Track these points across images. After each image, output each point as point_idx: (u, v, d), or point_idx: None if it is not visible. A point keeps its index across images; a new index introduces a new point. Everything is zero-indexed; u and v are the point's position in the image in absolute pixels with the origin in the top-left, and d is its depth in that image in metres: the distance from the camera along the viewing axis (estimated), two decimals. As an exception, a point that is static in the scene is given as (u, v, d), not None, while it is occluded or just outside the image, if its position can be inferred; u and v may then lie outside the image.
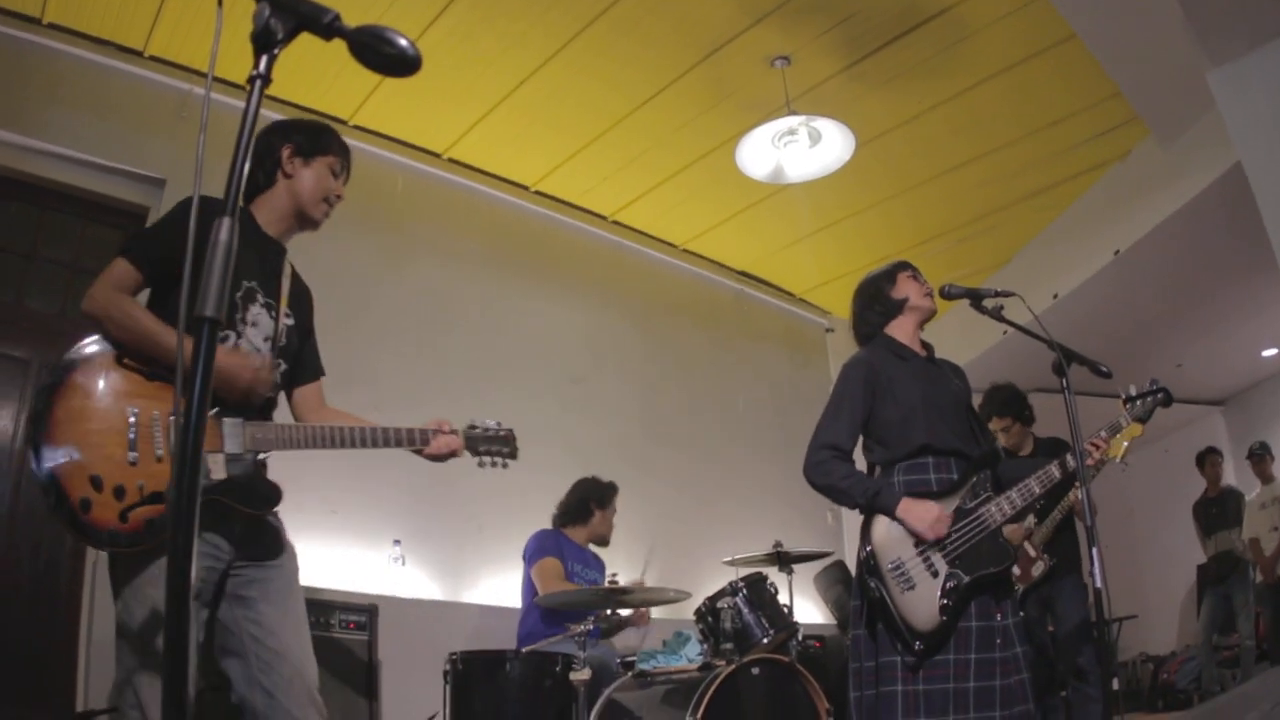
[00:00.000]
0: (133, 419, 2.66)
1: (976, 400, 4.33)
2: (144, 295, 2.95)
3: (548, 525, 6.07)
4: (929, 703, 3.36)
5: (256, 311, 3.00)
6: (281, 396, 3.25)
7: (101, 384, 2.71)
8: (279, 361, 3.03)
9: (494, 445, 3.48)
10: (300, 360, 3.28)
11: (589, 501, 6.10)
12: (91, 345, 2.78)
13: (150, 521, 2.60)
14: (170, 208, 2.94)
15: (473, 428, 3.43)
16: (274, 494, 2.96)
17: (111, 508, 2.57)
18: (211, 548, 2.74)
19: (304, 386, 3.33)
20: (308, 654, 2.87)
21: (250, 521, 2.87)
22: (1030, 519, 5.79)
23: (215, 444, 2.73)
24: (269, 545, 2.96)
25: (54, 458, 2.57)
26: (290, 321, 3.16)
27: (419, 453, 3.27)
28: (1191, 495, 9.71)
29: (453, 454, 3.34)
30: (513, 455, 3.54)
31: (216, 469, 2.72)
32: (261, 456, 2.86)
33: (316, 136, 3.18)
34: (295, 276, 3.29)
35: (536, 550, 5.76)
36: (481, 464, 3.46)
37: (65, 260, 5.85)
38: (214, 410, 2.75)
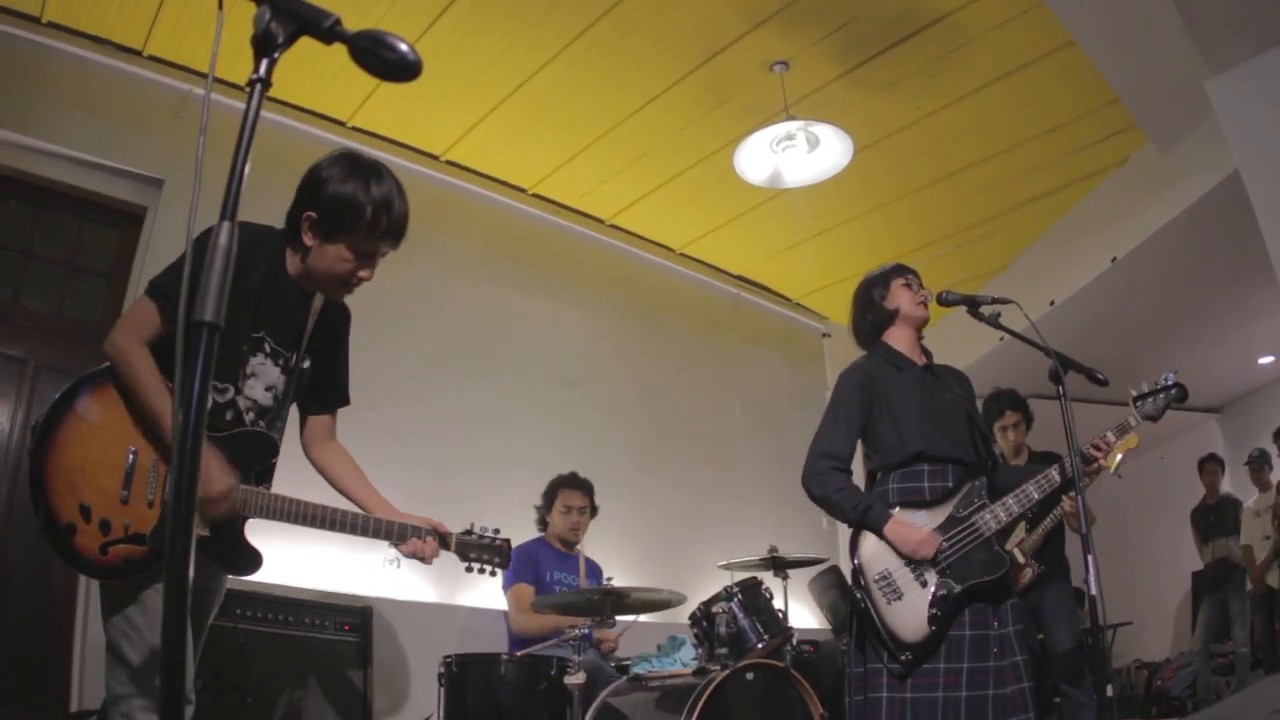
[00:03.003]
0: (131, 458, 2.68)
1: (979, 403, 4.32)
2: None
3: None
4: (915, 711, 3.36)
5: (259, 362, 2.95)
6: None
7: (110, 415, 2.72)
8: (238, 487, 2.85)
9: (485, 554, 3.38)
10: (314, 393, 3.26)
11: (542, 506, 6.10)
12: (111, 371, 2.77)
13: (128, 559, 2.63)
14: (202, 234, 2.89)
15: (468, 533, 3.37)
16: (252, 559, 2.96)
17: (94, 538, 2.61)
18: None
19: (316, 416, 3.31)
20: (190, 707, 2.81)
21: (211, 573, 2.95)
22: (1021, 527, 5.79)
23: None
24: (217, 594, 3.09)
25: (50, 477, 2.61)
26: (306, 365, 3.12)
27: (395, 545, 3.17)
28: (1186, 502, 9.74)
29: (423, 560, 3.22)
30: (503, 565, 3.39)
31: (200, 525, 2.72)
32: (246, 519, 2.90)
33: (341, 214, 2.87)
34: (330, 306, 3.18)
35: (507, 575, 5.71)
36: (469, 569, 3.38)
37: (62, 259, 5.84)
38: None
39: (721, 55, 6.14)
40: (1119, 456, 4.07)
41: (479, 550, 3.35)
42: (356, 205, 2.86)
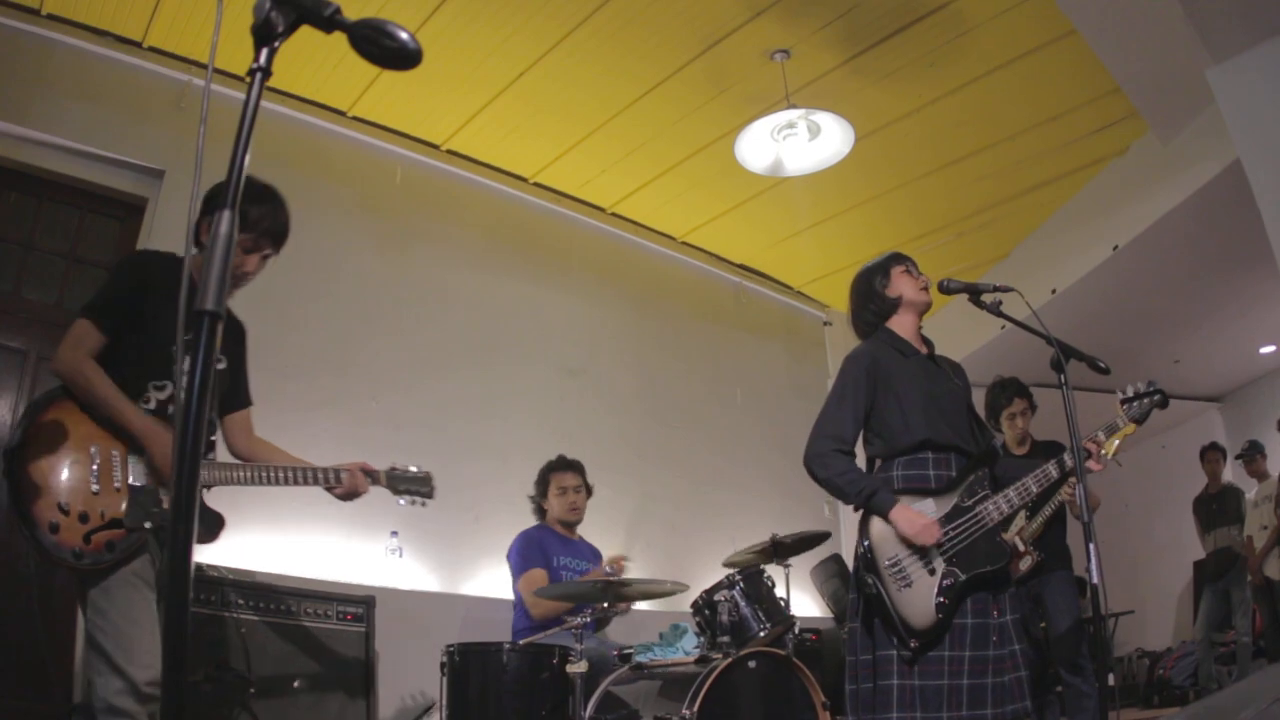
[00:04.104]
0: (94, 452, 3.06)
1: (978, 396, 4.32)
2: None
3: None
4: (924, 698, 3.36)
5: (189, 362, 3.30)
6: None
7: (68, 424, 3.07)
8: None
9: (412, 485, 3.88)
10: (229, 393, 3.69)
11: (537, 495, 6.12)
12: (61, 390, 3.16)
13: (110, 543, 2.99)
14: (119, 262, 3.50)
15: (394, 469, 3.83)
16: (216, 523, 3.33)
17: (76, 530, 2.94)
18: (153, 561, 3.12)
19: (233, 414, 3.73)
20: None
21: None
22: (1021, 514, 5.79)
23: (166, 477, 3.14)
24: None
25: (27, 490, 2.93)
26: (222, 366, 3.55)
27: (330, 490, 3.61)
28: (1188, 491, 9.74)
29: (358, 493, 3.66)
30: (429, 495, 3.93)
31: (166, 499, 3.10)
32: (205, 489, 3.28)
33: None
34: (229, 319, 3.64)
35: (519, 561, 5.75)
36: (400, 502, 3.86)
37: (63, 251, 5.84)
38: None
39: (722, 44, 6.13)
40: (1116, 443, 4.08)
41: (407, 482, 3.86)
42: (250, 202, 3.33)
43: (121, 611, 2.95)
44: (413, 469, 3.88)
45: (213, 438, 3.43)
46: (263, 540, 5.53)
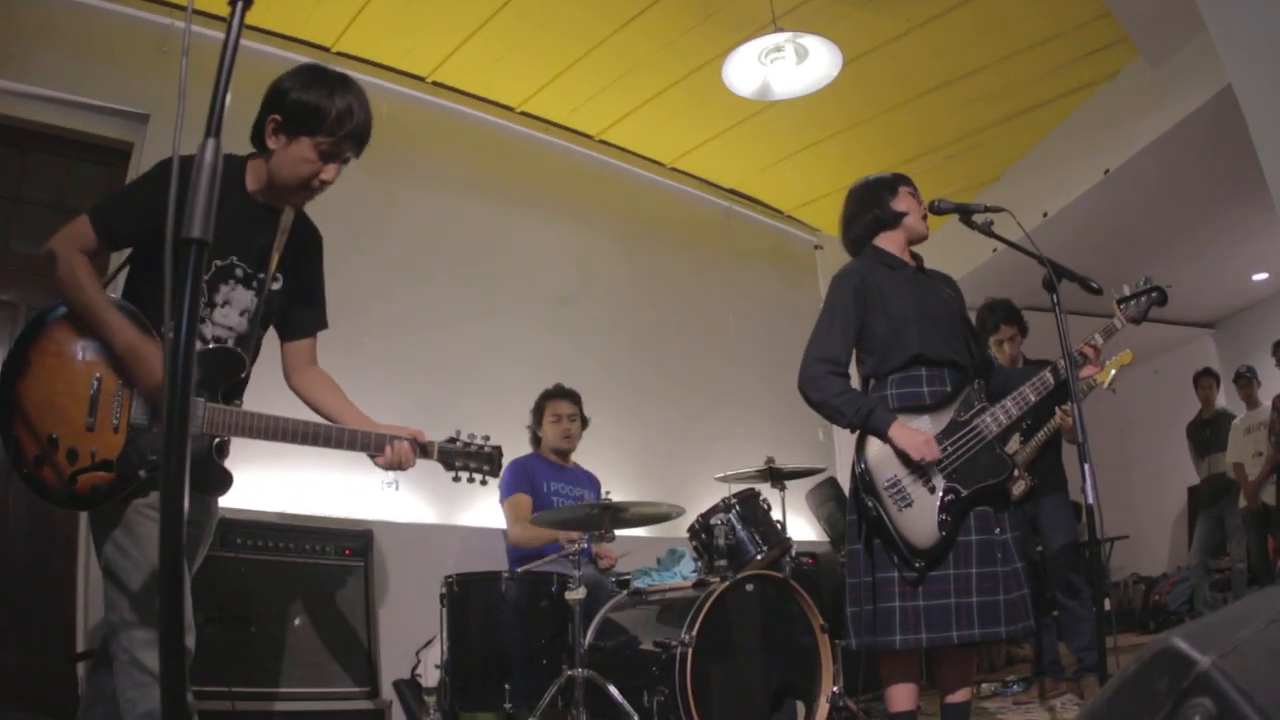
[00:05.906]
0: (95, 385, 2.70)
1: (971, 314, 4.31)
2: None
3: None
4: (929, 619, 3.38)
5: (229, 290, 2.96)
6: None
7: (74, 346, 2.74)
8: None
9: (472, 462, 3.23)
10: (289, 317, 3.28)
11: (533, 423, 6.16)
12: (67, 309, 2.80)
13: (96, 487, 2.66)
14: (157, 165, 2.96)
15: (452, 441, 3.22)
16: (223, 479, 2.89)
17: (63, 469, 2.63)
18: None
19: (294, 342, 3.31)
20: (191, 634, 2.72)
21: (194, 502, 2.83)
22: (1016, 439, 5.81)
23: None
24: (205, 527, 3.01)
25: (16, 414, 2.66)
26: (278, 286, 3.13)
27: (372, 459, 3.06)
28: (1182, 417, 9.79)
29: (402, 467, 3.07)
30: (494, 473, 3.26)
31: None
32: (218, 440, 2.84)
33: (307, 113, 2.92)
34: (298, 228, 3.23)
35: (504, 487, 5.79)
36: (456, 478, 3.22)
37: (50, 201, 5.81)
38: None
39: (708, -33, 6.06)
40: (1113, 372, 4.09)
41: (465, 458, 3.22)
42: (320, 106, 2.92)
43: (144, 550, 2.66)
44: (477, 441, 3.25)
45: (244, 374, 2.97)
46: (259, 478, 5.54)
